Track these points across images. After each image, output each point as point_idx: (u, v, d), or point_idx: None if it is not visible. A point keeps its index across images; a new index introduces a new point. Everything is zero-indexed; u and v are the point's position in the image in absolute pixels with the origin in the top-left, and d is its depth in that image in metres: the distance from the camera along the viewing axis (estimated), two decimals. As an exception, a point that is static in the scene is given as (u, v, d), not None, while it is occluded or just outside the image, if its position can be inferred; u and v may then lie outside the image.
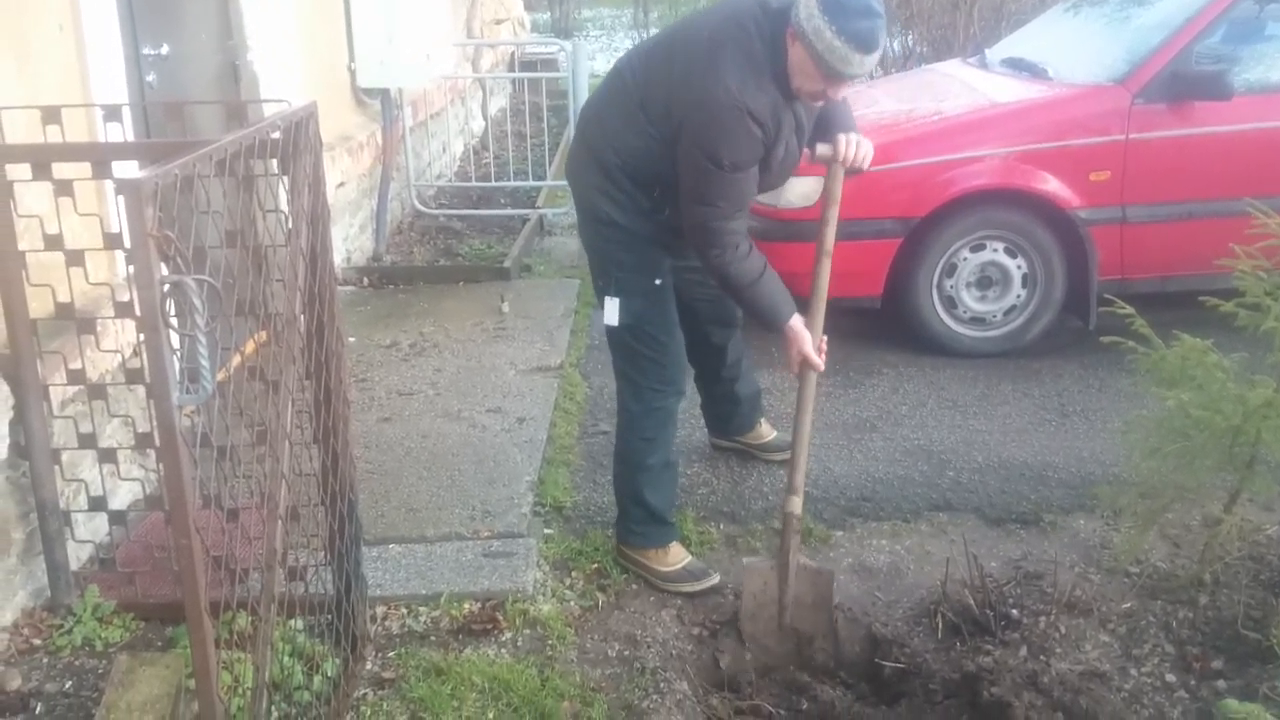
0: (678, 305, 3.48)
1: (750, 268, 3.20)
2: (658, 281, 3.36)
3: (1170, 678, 2.97)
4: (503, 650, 3.13)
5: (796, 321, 3.28)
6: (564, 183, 7.67)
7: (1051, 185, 4.99)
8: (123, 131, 3.09)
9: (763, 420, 4.26)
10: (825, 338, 3.36)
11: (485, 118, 10.54)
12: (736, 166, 3.02)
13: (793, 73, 2.99)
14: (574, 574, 3.52)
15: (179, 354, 2.00)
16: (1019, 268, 5.16)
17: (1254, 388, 3.08)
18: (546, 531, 3.76)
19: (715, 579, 3.43)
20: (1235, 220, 3.43)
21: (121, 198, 1.85)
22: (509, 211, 7.80)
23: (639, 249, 3.34)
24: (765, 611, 3.22)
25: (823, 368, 3.31)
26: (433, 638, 3.17)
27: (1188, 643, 3.09)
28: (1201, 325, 3.31)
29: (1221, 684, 2.93)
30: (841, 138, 3.28)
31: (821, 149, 3.29)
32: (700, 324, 3.81)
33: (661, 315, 3.39)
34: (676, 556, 3.47)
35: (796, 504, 3.26)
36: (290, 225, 2.48)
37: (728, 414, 4.21)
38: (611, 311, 3.37)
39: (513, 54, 12.45)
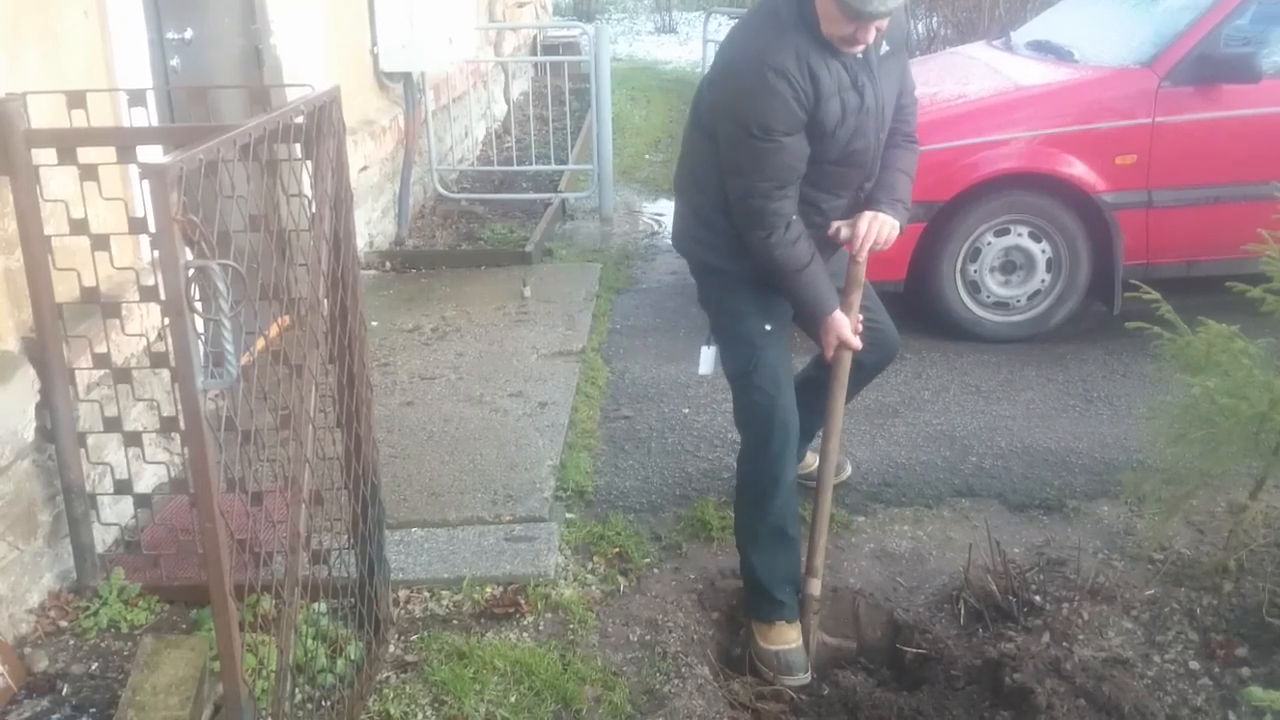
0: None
1: (798, 254, 3.03)
2: (767, 328, 3.17)
3: (1194, 665, 2.96)
4: (524, 634, 3.14)
5: (839, 314, 3.14)
6: (586, 166, 7.72)
7: (1077, 169, 4.95)
8: (147, 116, 3.10)
9: (810, 451, 3.93)
10: (861, 318, 3.23)
11: (507, 101, 10.53)
12: (768, 132, 2.86)
13: (821, 19, 2.83)
14: (595, 558, 3.53)
15: (203, 338, 2.01)
16: (1043, 252, 5.13)
17: (1281, 374, 3.06)
18: (568, 516, 3.76)
19: (805, 679, 3.13)
20: (1262, 205, 3.40)
21: (146, 182, 1.86)
22: (531, 195, 7.80)
23: (742, 291, 3.18)
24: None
25: (859, 345, 3.18)
26: (455, 621, 3.18)
27: (1212, 630, 3.08)
28: (1227, 311, 3.28)
29: (1246, 671, 2.91)
30: (862, 221, 3.14)
31: (844, 232, 3.18)
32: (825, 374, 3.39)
33: (770, 365, 3.18)
34: (779, 638, 3.16)
35: (816, 586, 3.21)
36: (313, 210, 2.48)
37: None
38: (706, 361, 3.29)
39: (534, 37, 12.43)
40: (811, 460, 3.81)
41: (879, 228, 3.13)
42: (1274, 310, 3.07)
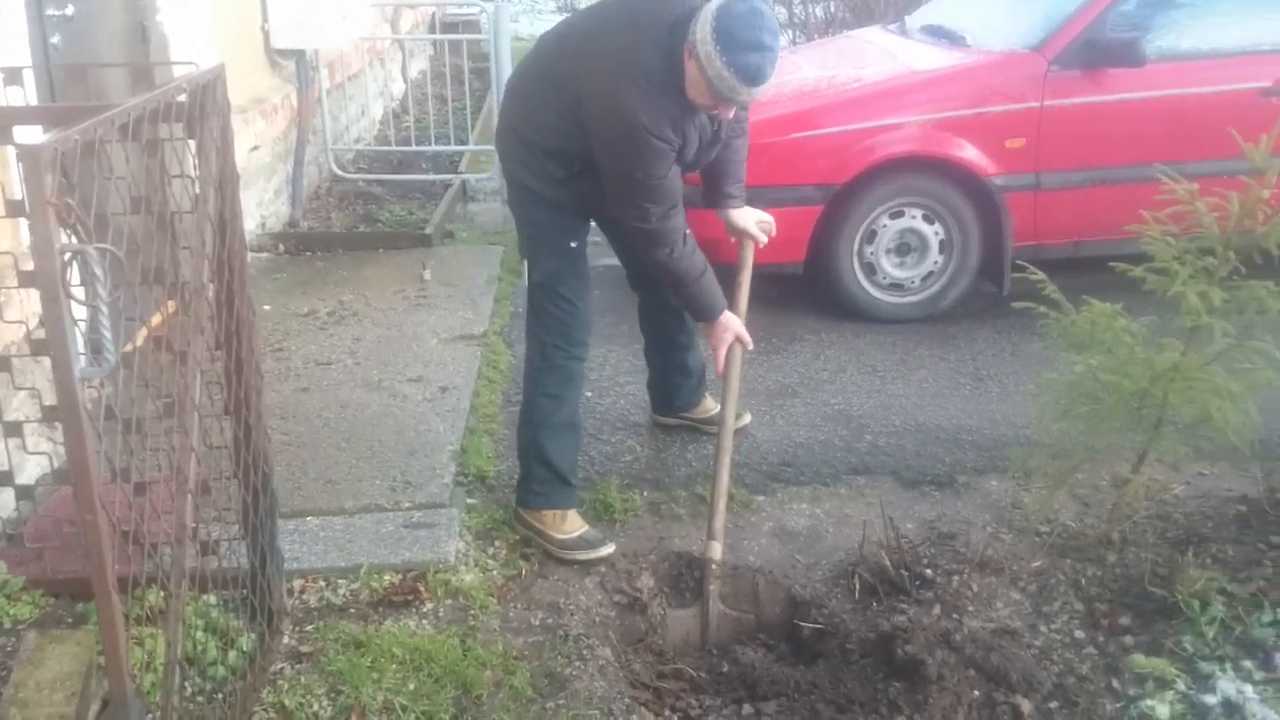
0: (638, 270, 3.57)
1: (696, 262, 3.32)
2: (573, 244, 3.41)
3: (1079, 634, 3.06)
4: (424, 621, 3.11)
5: (730, 314, 3.47)
6: (487, 147, 7.63)
7: (968, 152, 5.05)
8: (24, 95, 2.98)
9: (708, 395, 4.22)
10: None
11: (405, 80, 10.36)
12: (652, 176, 3.09)
13: (688, 85, 3.02)
14: (497, 543, 3.51)
15: (82, 325, 1.95)
16: (936, 234, 5.23)
17: (1161, 351, 3.16)
18: (469, 501, 3.74)
19: (610, 549, 3.42)
20: (1145, 186, 3.50)
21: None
22: (430, 176, 7.69)
23: (556, 211, 3.40)
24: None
25: (752, 345, 3.52)
26: (352, 610, 3.14)
27: (1096, 600, 3.18)
28: (1112, 290, 3.38)
29: (1129, 640, 3.01)
30: (752, 222, 3.69)
31: (736, 223, 3.69)
32: (660, 289, 3.73)
33: (575, 277, 3.44)
34: (573, 524, 3.46)
35: (717, 549, 3.30)
36: (197, 191, 2.41)
37: (675, 387, 4.18)
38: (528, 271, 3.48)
39: (433, 15, 12.24)
40: (711, 405, 4.08)
41: (766, 226, 3.72)
42: (1155, 289, 3.16)
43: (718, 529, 3.33)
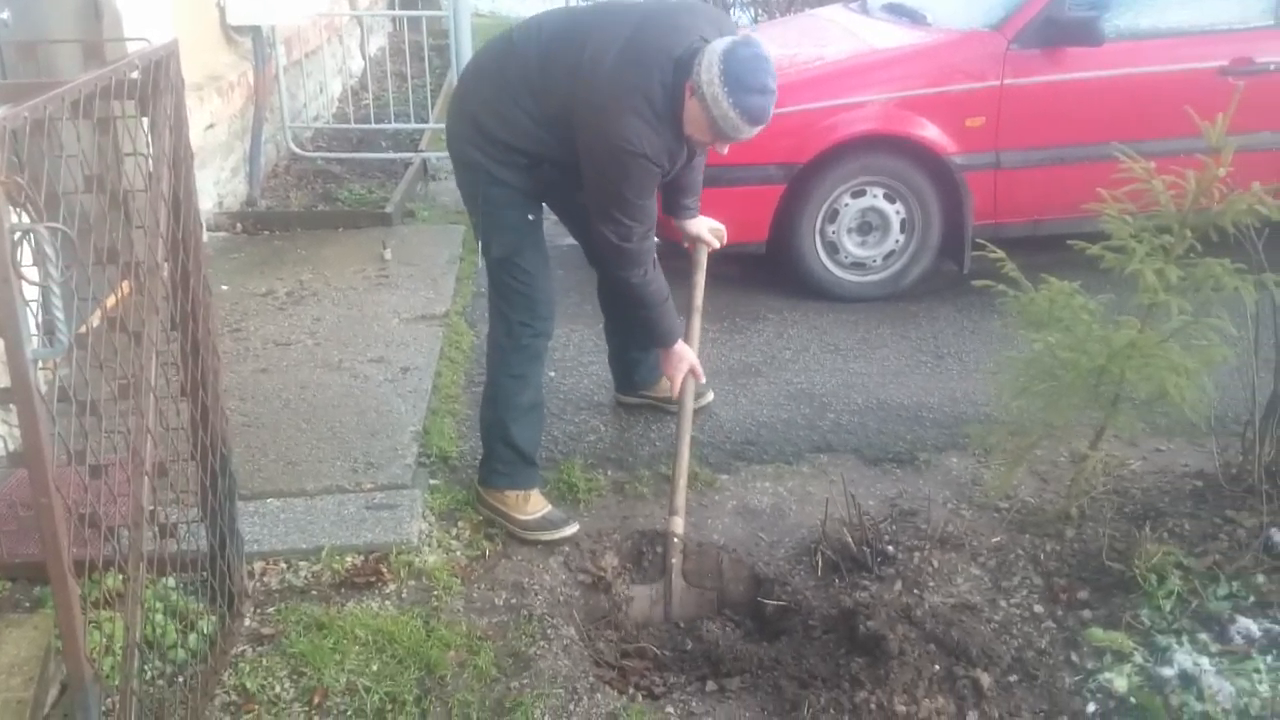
0: (595, 249, 3.51)
1: (661, 287, 3.46)
2: (530, 217, 3.39)
3: (1038, 608, 3.09)
4: (387, 602, 3.10)
5: (682, 345, 3.57)
6: (446, 126, 7.57)
7: (929, 131, 5.07)
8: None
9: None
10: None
11: (364, 57, 10.23)
12: (640, 195, 3.18)
13: (686, 121, 3.10)
14: (460, 524, 3.50)
15: (34, 305, 1.91)
16: (898, 213, 5.25)
17: (1119, 329, 3.19)
18: (432, 482, 3.72)
19: (574, 529, 3.44)
20: (1103, 165, 3.52)
21: (-33, 142, 1.74)
22: (391, 155, 7.62)
23: (512, 190, 3.35)
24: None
25: (704, 377, 3.67)
26: (314, 592, 3.13)
27: (1055, 574, 3.22)
28: (1070, 268, 3.41)
29: (1087, 613, 3.05)
30: (705, 229, 3.87)
31: (691, 230, 3.87)
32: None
33: (532, 250, 3.41)
34: (536, 505, 3.47)
35: (679, 524, 3.33)
36: (151, 169, 2.37)
37: (634, 362, 4.18)
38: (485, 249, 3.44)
39: (392, -8, 12.11)
40: (666, 385, 4.03)
41: (719, 233, 3.91)
42: (1113, 267, 3.19)
43: (679, 505, 3.37)
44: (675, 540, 3.30)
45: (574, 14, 3.47)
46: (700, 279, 3.87)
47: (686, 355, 3.57)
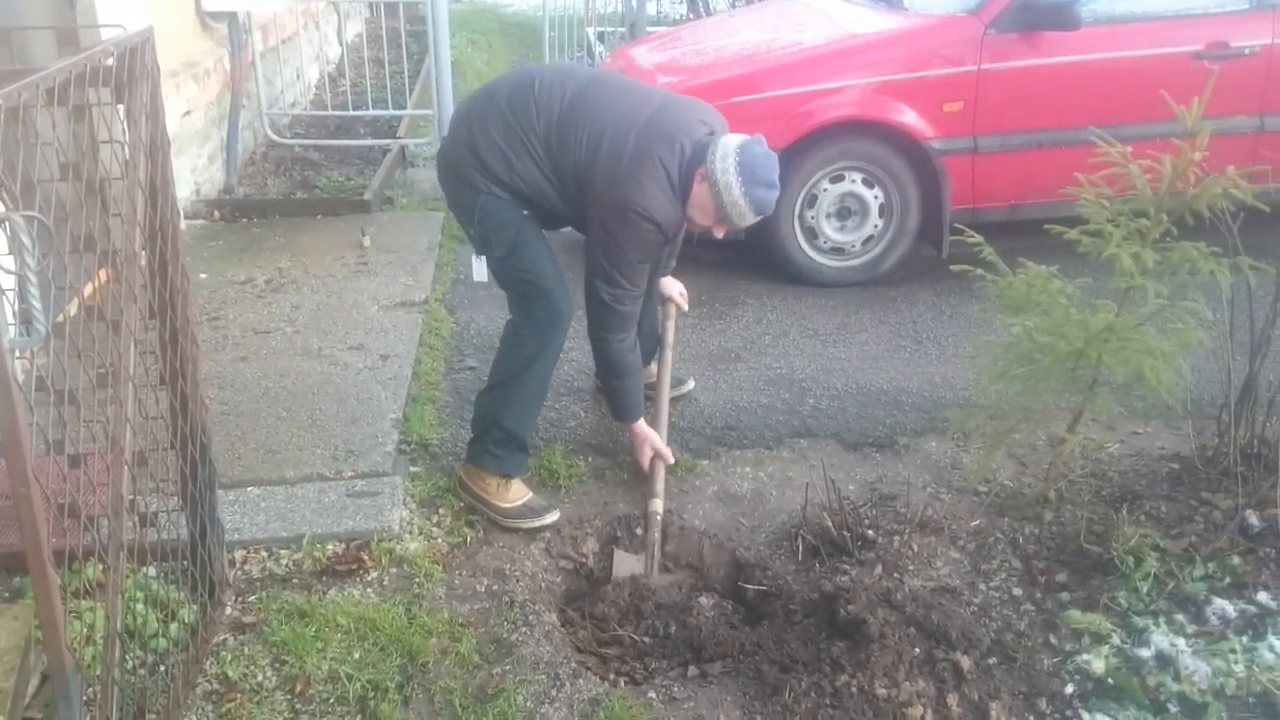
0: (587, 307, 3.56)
1: (636, 359, 3.61)
2: (525, 213, 3.41)
3: (1017, 591, 3.12)
4: (368, 590, 3.10)
5: (643, 424, 3.66)
6: (426, 112, 7.55)
7: (908, 116, 5.08)
8: (-58, 57, 2.89)
9: (655, 362, 4.21)
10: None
11: (341, 43, 10.18)
12: (642, 259, 3.39)
13: (691, 204, 3.31)
14: (441, 511, 3.50)
15: (11, 294, 1.90)
16: (876, 198, 5.26)
17: (1096, 313, 3.22)
18: (413, 469, 3.72)
19: (555, 516, 3.46)
20: (1080, 149, 3.54)
21: (-61, 129, 1.73)
22: (369, 142, 7.58)
23: (503, 200, 3.39)
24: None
25: (673, 460, 3.66)
26: (295, 580, 3.12)
27: (1033, 557, 3.24)
28: (1048, 252, 3.43)
29: (1065, 596, 3.08)
30: (676, 291, 4.20)
31: (664, 289, 4.15)
32: None
33: (534, 240, 3.43)
34: (518, 493, 3.49)
35: (658, 504, 3.41)
36: (127, 157, 2.36)
37: None
38: (479, 270, 3.44)
39: (369, -23, 12.03)
40: (651, 371, 4.13)
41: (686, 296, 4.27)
42: (1090, 251, 3.21)
43: (658, 490, 3.43)
44: (656, 516, 3.35)
45: (598, 78, 3.56)
46: (668, 358, 4.07)
47: (649, 438, 3.63)
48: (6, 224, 1.83)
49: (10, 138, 1.91)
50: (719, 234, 3.45)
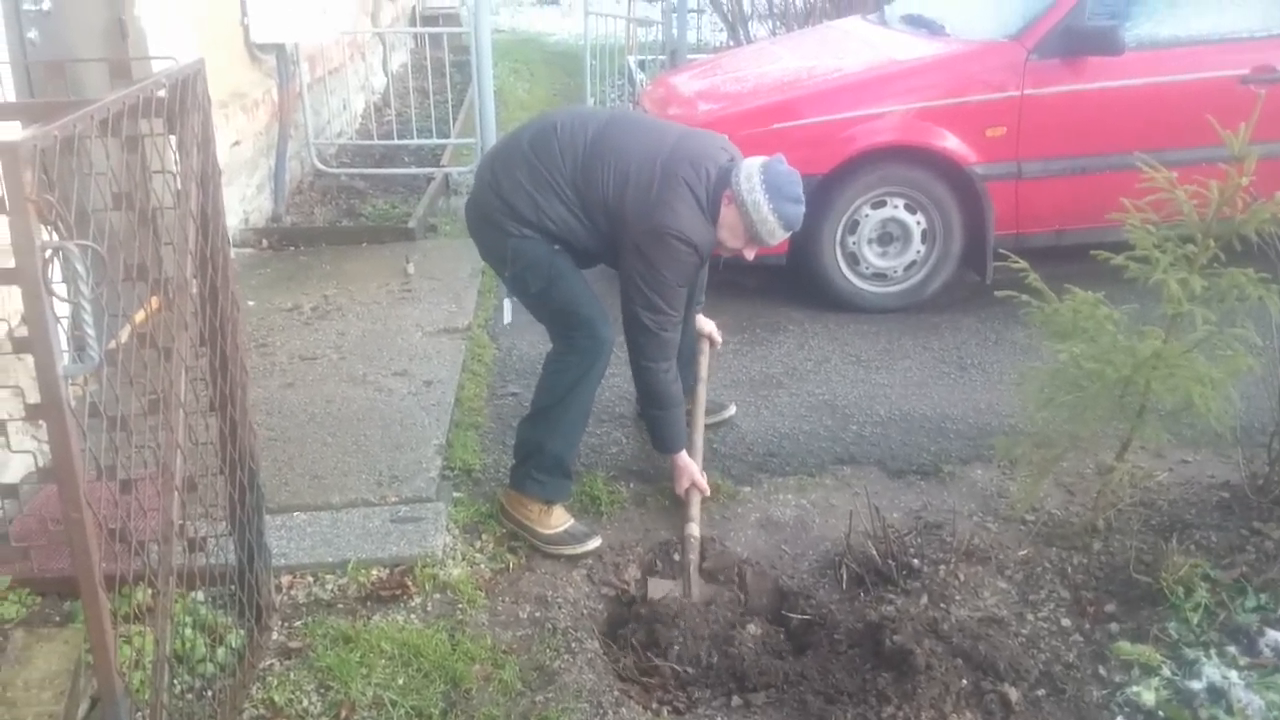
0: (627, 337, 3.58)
1: (679, 390, 3.64)
2: (556, 247, 3.44)
3: (1065, 622, 3.07)
4: (412, 616, 3.11)
5: (684, 455, 3.66)
6: (469, 140, 7.61)
7: (950, 142, 5.06)
8: (2, 91, 2.96)
9: (689, 395, 4.22)
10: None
11: (386, 74, 10.32)
12: (680, 282, 3.41)
13: (720, 227, 3.38)
14: (484, 537, 3.51)
15: (65, 322, 1.93)
16: (919, 224, 5.24)
17: (1143, 339, 3.18)
18: (456, 495, 3.74)
19: (597, 543, 3.46)
20: (1126, 174, 3.51)
21: None
22: (413, 170, 7.67)
23: (532, 240, 3.43)
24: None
25: (709, 492, 3.65)
26: (340, 605, 3.14)
27: (1082, 587, 3.20)
28: (1094, 278, 3.40)
29: (1114, 627, 3.03)
30: (709, 328, 4.25)
31: (699, 324, 4.19)
32: None
33: (569, 272, 3.46)
34: (559, 519, 3.50)
35: (695, 529, 3.42)
36: (179, 186, 2.40)
37: None
38: (507, 311, 3.45)
39: (413, 8, 12.20)
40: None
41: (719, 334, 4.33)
42: (1137, 277, 3.18)
43: (694, 514, 3.46)
44: (693, 539, 3.36)
45: (616, 117, 3.63)
46: (702, 393, 4.10)
47: (688, 469, 3.63)
48: (62, 253, 1.86)
49: (65, 168, 1.95)
50: (749, 255, 3.49)
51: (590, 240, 3.44)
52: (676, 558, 3.40)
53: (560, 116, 3.52)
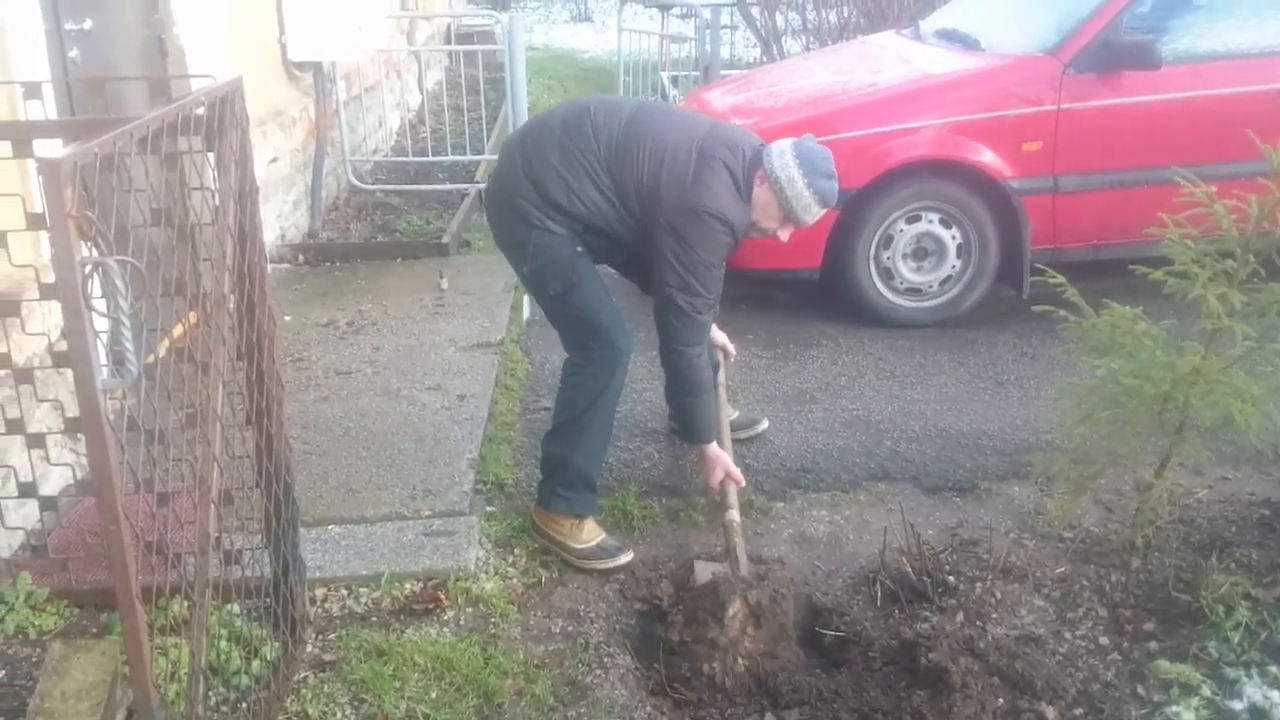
0: (648, 277, 3.57)
1: (709, 376, 3.61)
2: (579, 249, 3.43)
3: (1104, 640, 3.04)
4: (445, 629, 3.12)
5: (715, 446, 3.60)
6: (502, 157, 7.65)
7: (985, 156, 5.04)
8: (44, 109, 3.00)
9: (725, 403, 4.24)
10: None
11: (421, 91, 10.40)
12: (715, 263, 3.38)
13: (754, 208, 3.38)
14: (517, 551, 3.52)
15: (104, 336, 1.96)
16: (954, 238, 5.22)
17: (1182, 355, 3.14)
18: (489, 509, 3.75)
19: (629, 556, 3.46)
20: (1164, 189, 3.48)
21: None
22: (447, 186, 7.71)
23: (560, 237, 3.40)
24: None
25: (743, 482, 3.61)
26: (374, 618, 3.15)
27: (1120, 605, 3.16)
28: (1132, 293, 3.36)
29: (1153, 645, 2.99)
30: (722, 339, 4.17)
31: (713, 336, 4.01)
32: None
33: (589, 279, 3.45)
34: (591, 533, 3.50)
35: (735, 514, 3.41)
36: (217, 203, 2.43)
37: None
38: (528, 306, 3.45)
39: (448, 26, 12.29)
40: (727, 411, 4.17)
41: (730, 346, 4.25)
42: (1175, 292, 3.14)
43: (733, 502, 3.45)
44: (734, 524, 3.36)
45: (646, 105, 3.65)
46: (723, 394, 4.07)
47: (720, 459, 3.59)
48: (101, 268, 1.89)
49: (105, 185, 1.98)
50: (784, 236, 3.48)
51: (619, 225, 3.40)
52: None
53: (593, 101, 3.52)
